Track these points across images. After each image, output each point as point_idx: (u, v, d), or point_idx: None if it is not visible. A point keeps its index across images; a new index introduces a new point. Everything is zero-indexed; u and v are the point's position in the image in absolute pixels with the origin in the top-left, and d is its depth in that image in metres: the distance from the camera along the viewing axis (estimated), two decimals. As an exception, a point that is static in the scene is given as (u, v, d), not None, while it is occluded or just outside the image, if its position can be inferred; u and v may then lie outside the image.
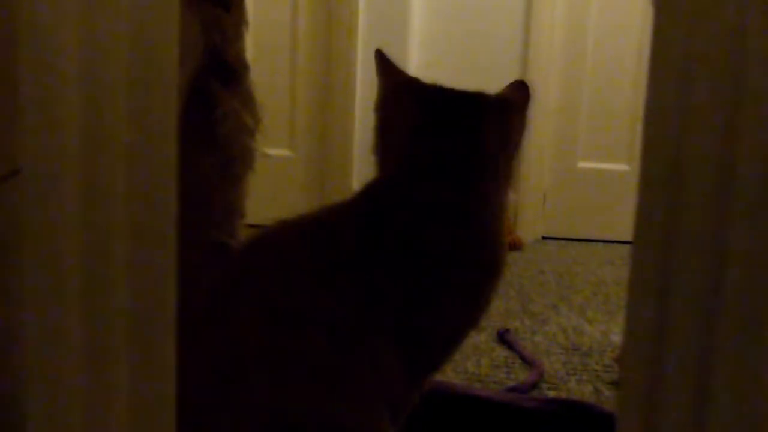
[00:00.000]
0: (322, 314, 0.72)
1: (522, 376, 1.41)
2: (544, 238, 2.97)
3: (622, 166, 2.91)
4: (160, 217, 0.46)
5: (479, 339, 1.62)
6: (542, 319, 1.81)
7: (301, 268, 0.74)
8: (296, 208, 0.86)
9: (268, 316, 0.71)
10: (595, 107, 2.90)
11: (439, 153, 0.83)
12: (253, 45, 2.72)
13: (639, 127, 2.80)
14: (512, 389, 1.30)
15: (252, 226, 1.06)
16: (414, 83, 0.88)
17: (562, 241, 2.92)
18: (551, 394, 1.33)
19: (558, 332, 1.70)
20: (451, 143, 0.83)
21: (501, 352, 1.54)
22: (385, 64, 0.90)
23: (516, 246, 2.72)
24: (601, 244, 2.90)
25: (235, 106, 0.95)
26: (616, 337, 1.67)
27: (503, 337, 1.60)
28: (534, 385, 1.35)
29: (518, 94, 0.88)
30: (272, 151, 1.05)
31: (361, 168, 2.64)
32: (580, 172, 2.95)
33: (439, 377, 1.36)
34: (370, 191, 0.84)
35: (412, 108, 0.85)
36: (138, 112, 0.44)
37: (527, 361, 1.47)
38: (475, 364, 1.46)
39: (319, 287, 0.73)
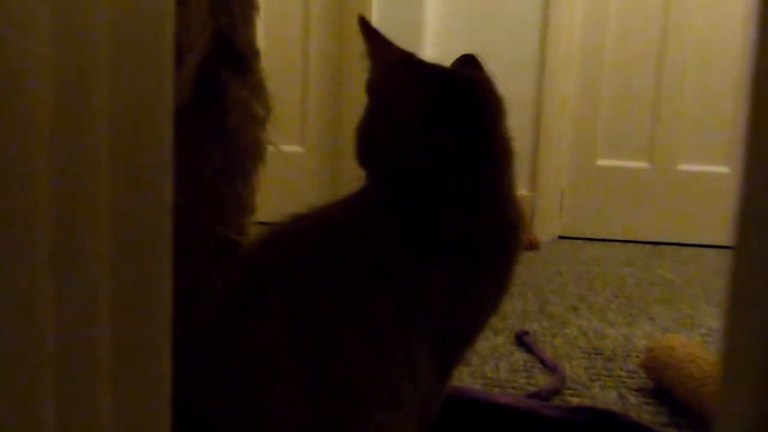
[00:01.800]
0: (351, 317, 0.66)
1: (542, 380, 1.37)
2: (561, 237, 2.93)
3: (642, 164, 2.88)
4: (152, 209, 0.41)
5: (497, 341, 1.59)
6: (561, 321, 1.77)
7: (325, 267, 0.69)
8: (310, 203, 0.81)
9: (292, 321, 0.65)
10: (614, 102, 2.86)
11: (454, 139, 0.80)
12: (264, 36, 2.70)
13: (660, 123, 2.82)
14: (533, 395, 1.26)
15: (261, 224, 1.03)
16: (415, 62, 0.84)
17: (580, 241, 2.89)
18: (574, 401, 1.28)
19: (578, 335, 1.66)
20: (466, 127, 0.81)
21: (520, 356, 1.50)
22: (373, 36, 0.84)
23: (532, 246, 2.68)
24: (621, 244, 2.86)
25: (244, 95, 0.92)
26: (640, 342, 1.63)
27: (522, 340, 1.57)
28: (556, 392, 1.30)
29: (478, 70, 0.86)
30: (282, 147, 1.02)
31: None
32: (599, 170, 2.91)
33: (456, 382, 1.32)
34: (386, 184, 0.79)
35: (420, 91, 0.81)
36: (124, 85, 0.39)
37: (548, 366, 1.43)
38: (493, 368, 1.43)
39: (346, 287, 0.67)
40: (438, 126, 0.80)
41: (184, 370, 0.53)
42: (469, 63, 0.87)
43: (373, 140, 0.83)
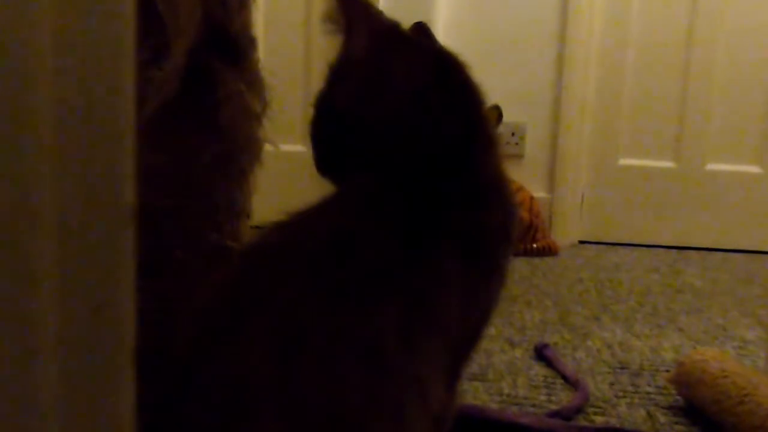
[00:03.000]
0: (348, 336, 0.62)
1: (564, 398, 1.34)
2: (581, 242, 2.92)
3: (667, 164, 2.87)
4: (109, 223, 0.37)
5: (515, 355, 1.56)
6: (583, 332, 1.75)
7: (315, 281, 0.63)
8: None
9: (280, 343, 0.61)
10: (638, 97, 2.84)
11: (451, 125, 0.77)
12: (262, 23, 2.68)
13: (687, 120, 2.80)
14: (554, 414, 1.23)
15: (258, 227, 1.01)
16: (404, 38, 0.79)
17: (602, 246, 2.87)
18: (599, 420, 1.25)
19: (602, 348, 1.64)
20: (461, 111, 0.78)
21: (539, 370, 1.48)
22: (349, 2, 0.77)
23: (551, 251, 2.66)
24: (645, 249, 2.85)
25: (239, 88, 0.90)
26: (668, 354, 1.61)
27: (542, 353, 1.54)
28: (579, 410, 1.28)
29: (436, 42, 0.81)
30: (282, 146, 1.00)
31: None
32: (622, 170, 2.89)
33: (471, 400, 1.29)
34: (373, 182, 0.74)
35: (416, 73, 0.77)
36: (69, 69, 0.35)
37: (570, 381, 1.41)
38: (510, 385, 1.40)
39: (340, 302, 0.62)
40: (435, 112, 0.76)
41: (155, 400, 0.49)
42: (424, 33, 0.81)
43: (352, 133, 0.77)
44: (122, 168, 0.37)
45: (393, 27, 0.78)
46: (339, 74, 0.79)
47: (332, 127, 0.79)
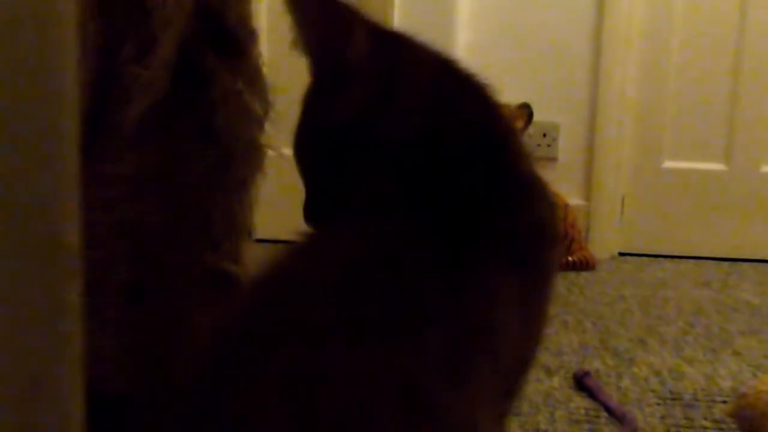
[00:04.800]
0: (384, 377, 0.57)
1: (609, 434, 1.32)
2: (621, 254, 2.89)
3: (717, 166, 2.86)
4: (41, 252, 0.32)
5: (552, 384, 1.54)
6: (628, 358, 1.73)
7: (349, 308, 0.60)
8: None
9: (300, 391, 0.56)
10: (684, 93, 2.82)
11: (470, 122, 0.77)
12: (265, 13, 2.67)
13: (739, 118, 2.78)
14: (599, 454, 1.21)
15: (261, 241, 1.00)
16: (405, 37, 0.78)
17: (645, 259, 2.85)
18: (650, 460, 1.23)
19: (650, 375, 1.62)
20: (477, 107, 0.78)
21: (580, 402, 1.46)
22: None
23: (588, 265, 2.64)
24: (693, 261, 2.82)
25: (237, 87, 0.89)
26: (725, 383, 1.58)
27: (582, 383, 1.52)
28: (627, 448, 1.26)
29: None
30: (286, 151, 1.01)
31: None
32: (666, 173, 2.88)
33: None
34: (403, 195, 0.72)
35: (425, 70, 0.77)
36: None
37: (615, 415, 1.39)
38: (547, 419, 1.38)
39: (375, 339, 0.59)
40: (452, 113, 0.76)
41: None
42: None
43: (359, 151, 0.76)
44: (62, 202, 0.32)
45: (389, 29, 0.78)
46: (328, 90, 0.77)
47: (332, 150, 0.76)
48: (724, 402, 1.46)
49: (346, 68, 0.75)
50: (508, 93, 3.13)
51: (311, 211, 0.78)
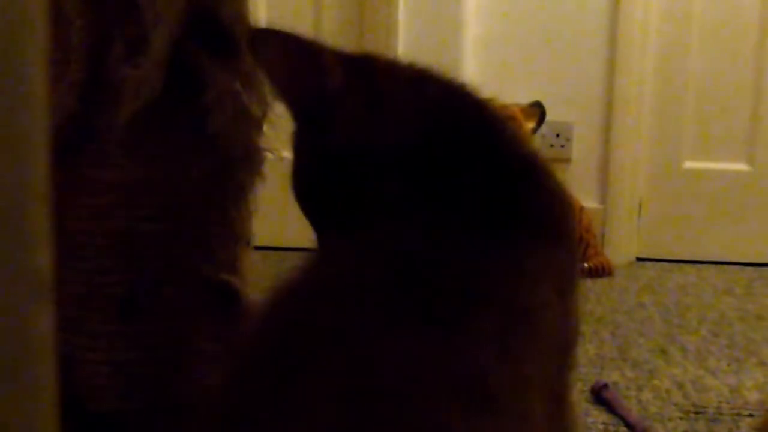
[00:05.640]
0: (441, 369, 0.59)
1: (629, 450, 1.33)
2: (639, 260, 2.89)
3: (740, 166, 2.85)
4: (8, 286, 0.31)
5: None
6: (649, 369, 1.73)
7: (395, 304, 0.62)
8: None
9: (357, 387, 0.58)
10: (705, 91, 2.82)
11: (463, 120, 0.80)
12: (265, 8, 2.68)
13: (763, 115, 2.77)
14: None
15: (261, 248, 1.00)
16: (369, 58, 0.81)
17: (664, 264, 2.84)
18: (674, 478, 1.23)
19: (672, 388, 1.62)
20: (465, 106, 0.81)
21: (598, 416, 1.46)
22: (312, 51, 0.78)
23: (605, 271, 2.64)
24: (716, 266, 2.81)
25: (233, 87, 0.90)
26: (752, 395, 1.58)
27: (600, 396, 1.52)
28: (648, 465, 1.26)
29: None
30: (287, 154, 1.02)
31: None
32: (686, 174, 2.88)
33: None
34: (414, 197, 0.75)
35: (404, 82, 0.80)
36: None
37: (635, 429, 1.39)
38: None
39: (432, 326, 0.60)
40: (444, 115, 0.80)
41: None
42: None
43: (360, 171, 0.79)
44: (31, 219, 0.31)
45: (352, 52, 0.81)
46: (316, 125, 0.79)
47: (334, 177, 0.79)
48: (751, 416, 1.46)
49: (327, 100, 0.78)
50: (518, 91, 3.14)
51: (319, 229, 0.81)
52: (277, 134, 0.98)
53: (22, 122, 0.29)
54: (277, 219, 1.46)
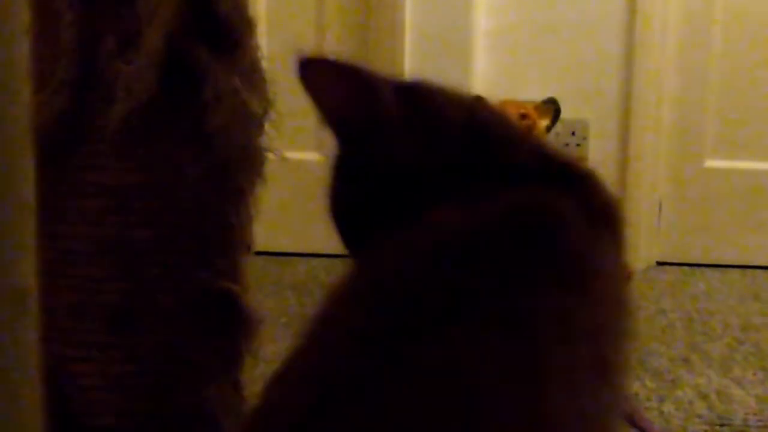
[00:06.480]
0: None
1: (651, 465, 1.33)
2: (659, 263, 2.87)
3: (764, 165, 2.83)
4: None
5: None
6: (670, 379, 1.73)
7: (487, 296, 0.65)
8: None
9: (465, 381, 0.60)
10: (728, 86, 2.80)
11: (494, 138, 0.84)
12: (265, 2, 2.68)
13: None
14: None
15: (262, 253, 0.99)
16: (414, 83, 0.85)
17: (686, 268, 2.81)
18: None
19: (695, 398, 1.62)
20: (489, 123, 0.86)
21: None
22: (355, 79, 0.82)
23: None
24: (740, 271, 2.78)
25: (232, 84, 0.90)
26: None
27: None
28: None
29: None
30: (290, 155, 1.01)
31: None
32: (708, 173, 2.85)
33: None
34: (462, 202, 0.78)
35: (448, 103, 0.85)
36: None
37: None
38: None
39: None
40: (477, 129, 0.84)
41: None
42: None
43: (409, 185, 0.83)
44: (14, 236, 0.30)
45: (402, 78, 0.85)
46: (365, 150, 0.84)
47: (378, 198, 0.83)
48: (781, 428, 1.46)
49: (382, 127, 0.82)
50: (531, 87, 3.14)
51: (352, 246, 0.84)
52: (279, 133, 0.99)
53: (6, 127, 0.29)
54: (279, 223, 1.45)
